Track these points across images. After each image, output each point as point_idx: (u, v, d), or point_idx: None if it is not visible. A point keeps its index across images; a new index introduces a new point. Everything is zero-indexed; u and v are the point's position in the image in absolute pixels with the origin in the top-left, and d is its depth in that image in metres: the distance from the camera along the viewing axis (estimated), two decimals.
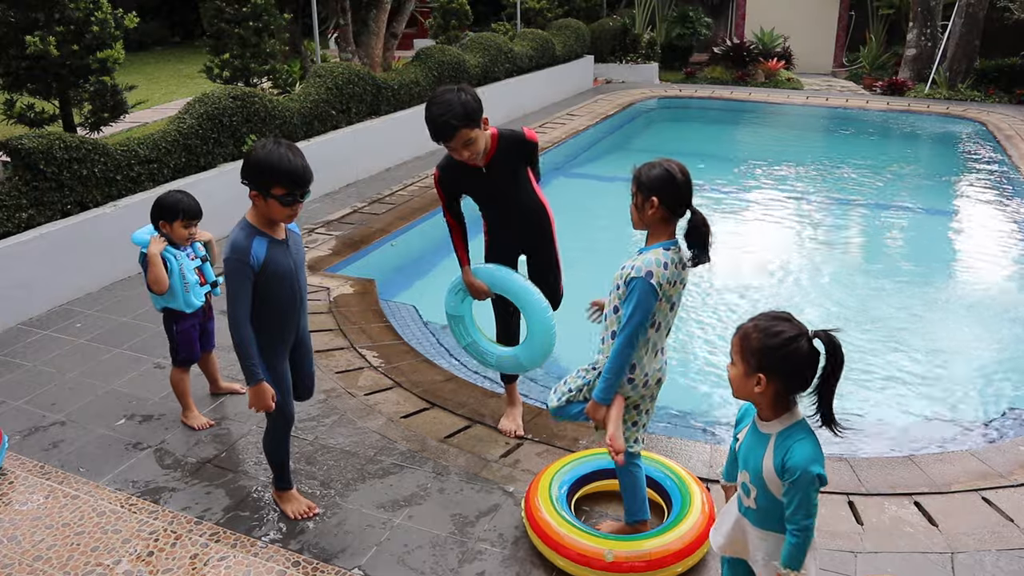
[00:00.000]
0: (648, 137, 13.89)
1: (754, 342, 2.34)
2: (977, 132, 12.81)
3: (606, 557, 3.13)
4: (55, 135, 6.10)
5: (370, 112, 9.90)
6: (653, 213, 2.97)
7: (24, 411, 4.55)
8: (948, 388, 5.30)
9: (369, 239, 7.49)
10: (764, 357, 2.32)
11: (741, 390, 2.41)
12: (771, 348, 2.31)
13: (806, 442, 2.33)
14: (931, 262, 7.80)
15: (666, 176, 2.94)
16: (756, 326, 2.37)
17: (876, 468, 3.99)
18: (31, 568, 3.30)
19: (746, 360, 2.36)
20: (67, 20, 6.78)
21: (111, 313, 5.82)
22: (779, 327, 2.33)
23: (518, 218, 4.00)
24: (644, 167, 3.00)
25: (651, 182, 2.95)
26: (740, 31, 19.21)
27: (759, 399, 2.39)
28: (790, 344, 2.30)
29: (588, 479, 3.67)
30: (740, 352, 2.38)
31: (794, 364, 2.31)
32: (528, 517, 3.41)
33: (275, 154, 3.06)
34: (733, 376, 2.42)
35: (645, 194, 2.96)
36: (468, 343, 4.19)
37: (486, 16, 18.41)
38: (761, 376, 2.32)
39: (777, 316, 2.39)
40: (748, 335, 2.37)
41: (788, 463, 2.30)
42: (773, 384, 2.33)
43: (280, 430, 3.56)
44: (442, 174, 3.96)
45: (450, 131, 3.59)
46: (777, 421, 2.40)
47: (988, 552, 3.37)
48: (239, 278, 3.16)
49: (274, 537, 3.51)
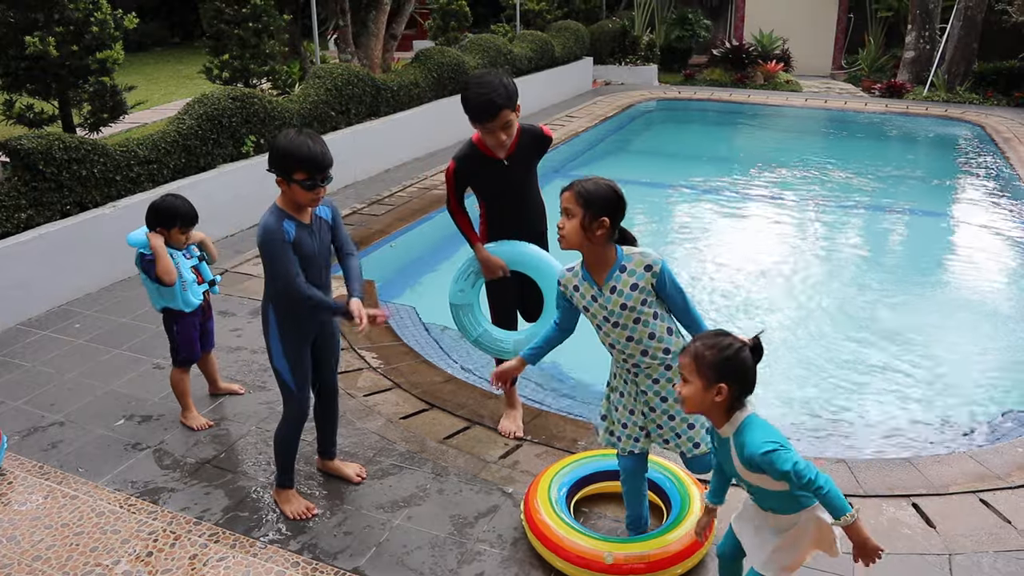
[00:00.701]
0: (647, 139, 13.91)
1: (709, 357, 2.52)
2: (975, 134, 12.83)
3: (605, 559, 3.13)
4: (54, 136, 6.10)
5: (369, 113, 9.91)
6: (602, 233, 2.95)
7: (23, 411, 4.55)
8: (946, 390, 5.30)
9: (368, 240, 7.49)
10: (721, 368, 2.51)
11: (699, 404, 2.57)
12: (727, 359, 2.51)
13: (753, 430, 2.51)
14: (928, 264, 7.81)
15: (614, 196, 2.95)
16: (705, 344, 2.56)
17: (874, 470, 4.00)
18: (30, 568, 3.30)
19: (703, 375, 2.53)
20: (67, 21, 6.79)
21: (110, 314, 5.83)
22: (727, 340, 2.55)
23: (526, 214, 4.02)
24: (586, 184, 2.96)
25: (601, 201, 2.93)
26: (739, 33, 19.23)
27: (716, 408, 2.56)
28: (740, 353, 2.53)
29: (588, 480, 3.68)
30: (696, 369, 2.54)
31: (745, 369, 2.53)
32: (527, 519, 3.42)
33: (295, 141, 3.22)
34: (688, 393, 2.57)
35: (595, 213, 2.91)
36: (480, 334, 4.09)
37: (485, 18, 18.43)
38: (722, 386, 2.51)
39: (720, 333, 2.62)
40: (701, 353, 2.54)
41: (747, 455, 2.49)
42: (731, 391, 2.52)
43: (292, 422, 3.59)
44: (459, 165, 3.94)
45: (494, 110, 3.64)
46: (729, 424, 2.58)
47: (986, 554, 3.37)
48: (279, 249, 3.27)
49: (273, 538, 3.51)
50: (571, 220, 2.94)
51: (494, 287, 4.18)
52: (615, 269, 3.00)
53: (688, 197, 9.96)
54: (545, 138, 3.94)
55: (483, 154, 3.87)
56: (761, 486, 2.56)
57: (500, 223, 4.09)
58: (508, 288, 4.16)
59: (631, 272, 2.98)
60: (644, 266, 2.98)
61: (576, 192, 2.94)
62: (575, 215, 2.93)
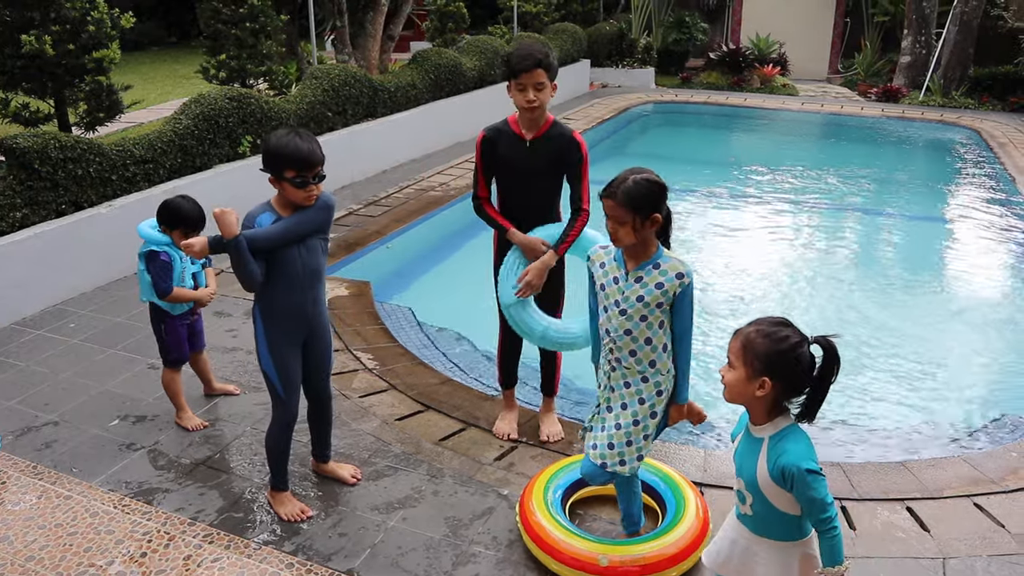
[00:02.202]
0: (644, 142, 13.94)
1: (759, 347, 2.35)
2: (970, 139, 12.87)
3: (600, 562, 3.13)
4: (50, 134, 6.09)
5: (366, 114, 9.90)
6: (654, 228, 2.94)
7: (17, 411, 4.54)
8: (940, 394, 5.32)
9: (365, 241, 7.48)
10: (770, 361, 2.33)
11: (740, 394, 2.42)
12: (778, 353, 2.33)
13: (798, 442, 2.36)
14: (923, 268, 7.83)
15: (657, 188, 2.92)
16: (760, 331, 2.38)
17: (869, 473, 4.01)
18: (23, 568, 3.29)
19: (749, 364, 2.36)
20: (63, 19, 6.77)
21: (105, 313, 5.81)
22: (784, 332, 2.36)
23: (538, 214, 4.00)
24: (627, 186, 2.89)
25: (648, 201, 2.88)
26: (736, 37, 19.26)
27: (757, 403, 2.40)
28: (796, 349, 2.34)
29: (583, 483, 3.67)
30: (742, 356, 2.38)
31: (798, 369, 2.34)
32: (523, 521, 3.42)
33: (284, 140, 3.24)
34: (732, 380, 2.42)
35: (646, 213, 2.88)
36: (543, 330, 3.94)
37: (483, 20, 18.45)
38: (766, 380, 2.34)
39: (780, 322, 2.41)
40: (752, 340, 2.37)
41: (782, 463, 2.32)
42: (775, 388, 2.35)
43: (281, 425, 3.59)
44: (487, 134, 3.98)
45: (530, 63, 3.68)
46: (770, 424, 2.42)
47: (979, 558, 3.38)
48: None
49: (268, 539, 3.50)
50: (623, 226, 2.90)
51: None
52: (650, 263, 2.98)
53: (684, 200, 9.96)
54: (573, 141, 3.88)
55: (511, 131, 3.92)
56: (772, 502, 2.41)
57: (512, 216, 4.06)
58: None
59: (663, 272, 2.96)
60: (677, 272, 2.95)
61: (620, 199, 2.87)
62: (626, 221, 2.89)
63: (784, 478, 2.32)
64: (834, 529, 2.31)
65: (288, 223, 3.31)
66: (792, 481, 2.30)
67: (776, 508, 2.41)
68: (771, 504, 2.41)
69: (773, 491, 2.39)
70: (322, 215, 3.42)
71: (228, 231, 3.13)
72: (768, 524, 2.47)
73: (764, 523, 2.47)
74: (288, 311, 3.44)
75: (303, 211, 3.35)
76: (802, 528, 2.46)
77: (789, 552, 2.47)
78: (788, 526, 2.44)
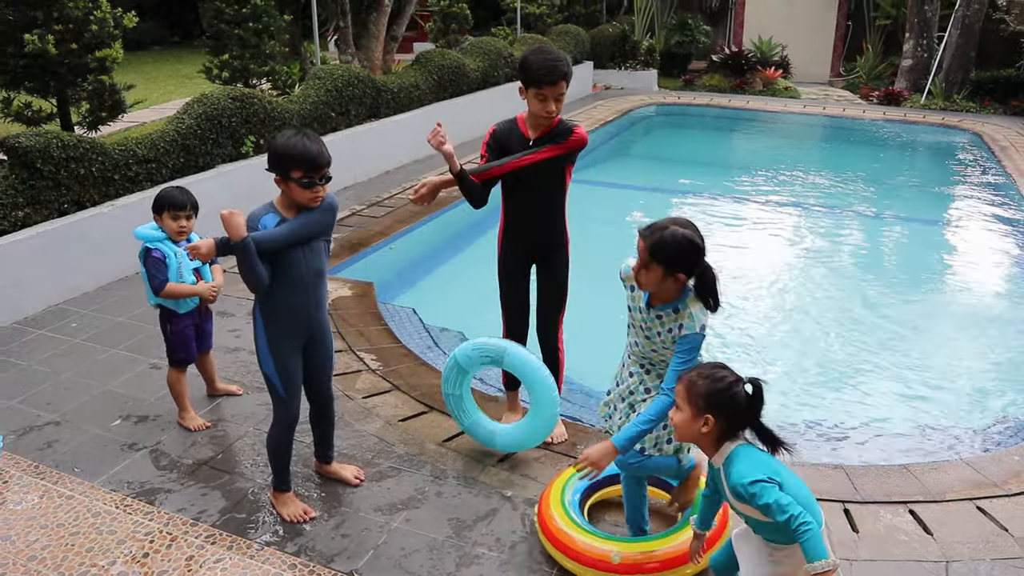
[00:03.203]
0: (646, 144, 13.93)
1: (701, 388, 2.56)
2: (972, 143, 12.86)
3: (612, 559, 3.12)
4: (52, 134, 6.09)
5: (369, 115, 9.90)
6: (676, 286, 2.93)
7: (19, 411, 4.53)
8: (943, 397, 5.31)
9: (367, 242, 7.48)
10: (711, 400, 2.54)
11: (687, 433, 2.62)
12: (718, 391, 2.54)
13: (740, 460, 2.54)
14: (925, 272, 7.83)
15: (692, 249, 2.87)
16: (700, 374, 2.59)
17: (871, 476, 4.00)
18: (25, 568, 3.28)
19: (694, 404, 2.57)
20: (66, 19, 6.77)
21: (107, 313, 5.81)
22: (721, 373, 2.58)
23: (539, 216, 4.00)
24: (663, 236, 2.84)
25: (678, 260, 2.86)
26: (738, 39, 19.26)
27: (704, 439, 2.60)
28: (732, 388, 2.55)
29: (603, 484, 3.67)
30: (687, 398, 2.59)
31: (736, 405, 2.55)
32: (538, 517, 3.42)
33: (292, 140, 3.24)
34: (679, 421, 2.62)
35: (671, 270, 2.87)
36: (469, 424, 4.09)
37: (486, 21, 18.43)
38: (709, 417, 2.55)
39: (717, 365, 2.64)
40: (694, 382, 2.58)
41: (731, 484, 2.52)
42: (718, 424, 2.55)
43: (282, 426, 3.58)
44: (498, 127, 4.00)
45: (557, 76, 3.72)
46: (719, 455, 2.61)
47: (983, 561, 3.38)
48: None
49: (270, 540, 3.50)
50: (648, 271, 2.90)
51: (507, 293, 4.21)
52: (670, 306, 2.99)
53: (686, 202, 9.96)
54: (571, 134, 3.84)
55: (519, 129, 3.93)
56: (752, 516, 2.56)
57: (515, 225, 4.08)
58: (520, 294, 4.19)
59: (679, 317, 2.96)
60: (689, 323, 2.95)
61: (650, 247, 2.86)
62: (651, 268, 2.89)
63: (741, 497, 2.50)
64: (802, 527, 2.38)
65: (294, 225, 3.30)
66: (746, 497, 2.47)
67: (759, 520, 2.55)
68: (754, 519, 2.57)
69: (745, 508, 2.56)
70: (327, 217, 3.41)
71: (236, 233, 3.11)
72: (763, 531, 2.60)
73: (760, 529, 2.62)
74: (290, 312, 3.43)
75: (309, 213, 3.34)
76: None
77: (791, 553, 2.56)
78: (782, 531, 2.49)
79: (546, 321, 4.23)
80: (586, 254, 4.73)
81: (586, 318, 5.03)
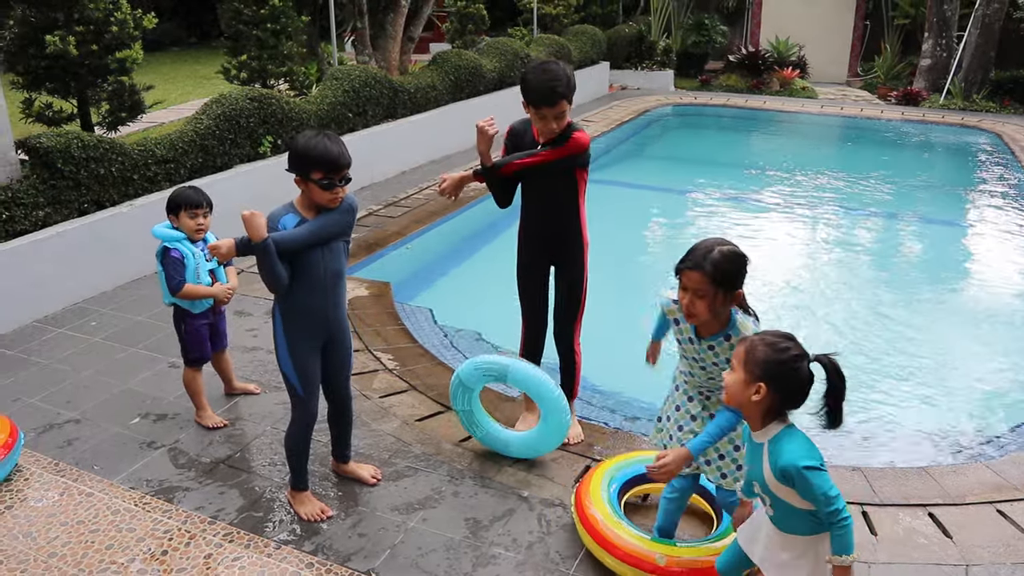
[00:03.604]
0: (663, 144, 13.89)
1: (760, 354, 2.46)
2: (992, 143, 12.76)
3: (658, 561, 3.12)
4: (73, 134, 6.14)
5: (386, 115, 9.93)
6: (728, 307, 2.88)
7: (39, 408, 4.57)
8: (961, 399, 5.27)
9: (384, 242, 7.50)
10: (768, 369, 2.44)
11: (736, 396, 2.52)
12: (777, 363, 2.44)
13: (793, 441, 2.46)
14: (945, 273, 7.77)
15: (743, 260, 2.84)
16: (763, 340, 2.49)
17: (889, 479, 3.98)
18: (46, 564, 3.31)
19: (749, 369, 2.47)
20: (87, 20, 6.82)
21: (126, 312, 5.85)
22: (785, 344, 2.47)
23: (553, 218, 4.01)
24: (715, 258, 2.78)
25: (735, 276, 2.82)
26: (755, 39, 19.19)
27: (752, 408, 2.50)
28: (795, 362, 2.44)
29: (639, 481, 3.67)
30: (744, 361, 2.49)
31: (794, 382, 2.45)
32: (579, 514, 3.42)
33: (314, 141, 3.24)
34: (731, 382, 2.52)
35: (730, 288, 2.83)
36: (483, 435, 4.13)
37: (502, 21, 18.45)
38: (761, 386, 2.44)
39: (783, 335, 2.52)
40: (755, 346, 2.48)
41: (781, 464, 2.41)
42: (771, 396, 2.45)
43: (300, 426, 3.59)
44: (513, 128, 4.05)
45: (556, 99, 3.71)
46: (765, 431, 2.52)
47: (1003, 565, 3.35)
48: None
49: (288, 538, 3.51)
50: (701, 300, 2.81)
51: (524, 294, 4.23)
52: (721, 335, 2.91)
53: (703, 203, 9.94)
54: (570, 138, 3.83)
55: (531, 131, 3.96)
56: (786, 500, 2.48)
57: (528, 227, 4.11)
58: (537, 296, 4.21)
59: (732, 345, 2.86)
60: None
61: (708, 272, 2.77)
62: (706, 295, 2.80)
63: (786, 478, 2.42)
64: (843, 521, 2.37)
65: (314, 226, 3.31)
66: (793, 480, 2.40)
67: (792, 506, 2.49)
68: (787, 503, 2.49)
69: (783, 491, 2.47)
70: (347, 217, 3.42)
71: (257, 234, 3.13)
72: (789, 521, 2.54)
73: (785, 521, 2.55)
74: (309, 313, 3.44)
75: (328, 213, 3.35)
76: (822, 523, 2.50)
77: (810, 545, 2.55)
78: (808, 522, 2.50)
79: (563, 324, 4.23)
80: (603, 254, 4.73)
81: (604, 319, 5.03)
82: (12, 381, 4.88)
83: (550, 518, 3.65)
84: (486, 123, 3.88)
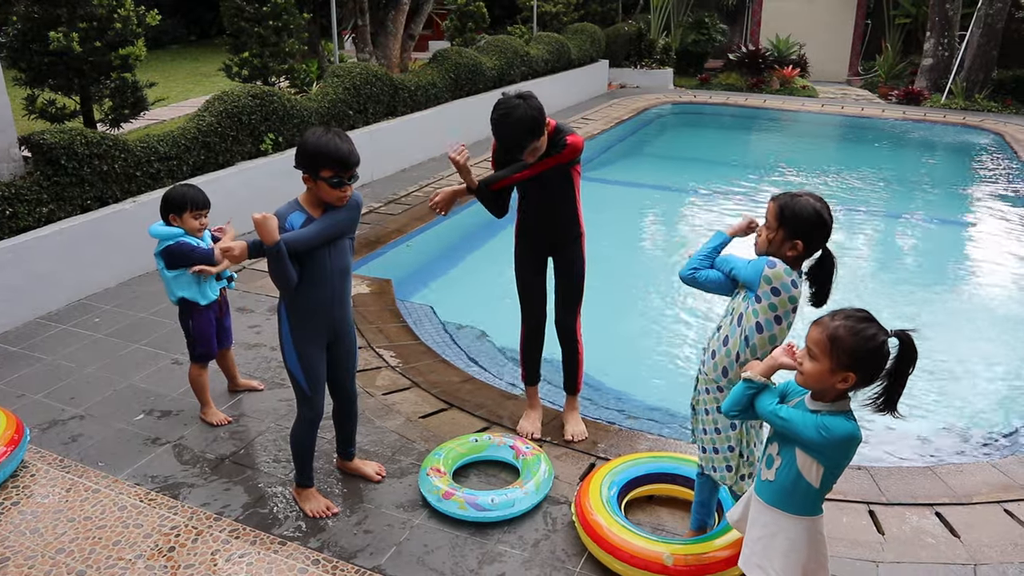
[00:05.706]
0: (662, 143, 13.89)
1: (848, 343, 2.36)
2: (994, 142, 12.77)
3: (665, 560, 3.12)
4: (76, 131, 6.13)
5: (387, 113, 9.92)
6: (792, 254, 2.86)
7: (43, 404, 4.56)
8: (968, 399, 5.27)
9: (385, 239, 7.50)
10: (858, 358, 2.36)
11: (818, 383, 2.44)
12: (868, 351, 2.36)
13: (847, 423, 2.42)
14: (948, 273, 7.77)
15: (816, 220, 2.81)
16: (847, 327, 2.38)
17: (896, 478, 3.98)
18: (54, 561, 3.30)
19: (835, 358, 2.37)
20: (90, 16, 6.80)
21: (129, 308, 5.84)
22: (872, 330, 2.37)
23: (548, 208, 4.01)
24: (791, 202, 2.83)
25: (801, 224, 2.81)
26: (755, 38, 19.19)
27: (834, 392, 2.43)
28: (883, 347, 2.37)
29: (640, 481, 3.67)
30: (828, 350, 2.39)
31: (882, 364, 2.38)
32: (580, 519, 3.41)
33: (324, 139, 3.23)
34: (812, 370, 2.42)
35: (789, 235, 2.83)
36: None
37: (502, 19, 18.44)
38: (851, 375, 2.37)
39: (864, 317, 2.42)
40: (840, 336, 2.37)
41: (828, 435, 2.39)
42: (858, 383, 2.40)
43: (305, 423, 3.59)
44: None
45: (524, 146, 3.71)
46: (830, 404, 2.46)
47: (1011, 564, 3.35)
48: None
49: (294, 535, 3.51)
50: (768, 230, 2.89)
51: (523, 288, 4.23)
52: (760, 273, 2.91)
53: (702, 201, 9.94)
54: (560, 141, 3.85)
55: None
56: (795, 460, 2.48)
57: (527, 223, 4.12)
58: (536, 289, 4.21)
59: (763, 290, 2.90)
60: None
61: (780, 207, 2.84)
62: (771, 228, 2.87)
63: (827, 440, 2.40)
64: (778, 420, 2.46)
65: (322, 225, 3.30)
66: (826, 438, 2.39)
67: (801, 476, 2.47)
68: (798, 473, 2.47)
69: (806, 461, 2.46)
70: (353, 215, 3.42)
71: (269, 237, 3.11)
72: (784, 494, 2.54)
73: (781, 493, 2.54)
74: (315, 310, 3.44)
75: (335, 211, 3.34)
76: (816, 505, 2.53)
77: (797, 525, 2.54)
78: (803, 500, 2.51)
79: (564, 315, 4.23)
80: (600, 251, 4.72)
81: (604, 319, 5.02)
82: (16, 377, 4.87)
83: (556, 516, 3.65)
84: (456, 153, 3.85)
